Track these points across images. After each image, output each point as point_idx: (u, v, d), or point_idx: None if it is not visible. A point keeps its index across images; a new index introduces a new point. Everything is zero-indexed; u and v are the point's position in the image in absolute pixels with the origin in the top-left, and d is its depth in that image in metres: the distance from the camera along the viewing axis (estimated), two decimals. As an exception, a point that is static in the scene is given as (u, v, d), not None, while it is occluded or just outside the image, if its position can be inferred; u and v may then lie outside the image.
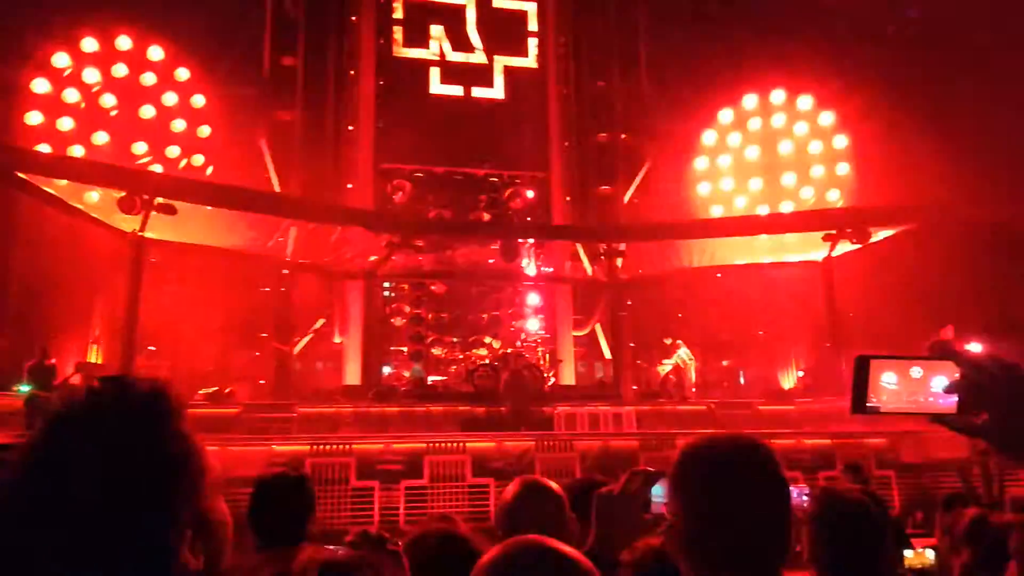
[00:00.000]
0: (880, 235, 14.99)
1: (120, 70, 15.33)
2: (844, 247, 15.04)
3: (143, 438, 0.99)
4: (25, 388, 10.39)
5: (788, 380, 16.83)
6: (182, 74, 16.00)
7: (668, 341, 14.99)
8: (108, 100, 15.19)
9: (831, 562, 2.34)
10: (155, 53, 15.75)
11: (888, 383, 1.43)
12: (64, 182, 12.50)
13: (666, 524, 1.56)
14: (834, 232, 14.57)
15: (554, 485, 2.38)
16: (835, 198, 17.37)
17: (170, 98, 15.81)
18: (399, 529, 7.91)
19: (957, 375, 1.33)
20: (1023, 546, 2.25)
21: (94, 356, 13.17)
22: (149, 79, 15.67)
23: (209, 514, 1.09)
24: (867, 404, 1.44)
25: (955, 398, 1.35)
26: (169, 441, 1.01)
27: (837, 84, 16.95)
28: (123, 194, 11.96)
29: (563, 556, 1.18)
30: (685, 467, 1.53)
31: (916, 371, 1.42)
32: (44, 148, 14.09)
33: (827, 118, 17.62)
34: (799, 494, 5.16)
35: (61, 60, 14.69)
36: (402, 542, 1.83)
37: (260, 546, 2.58)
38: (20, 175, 11.83)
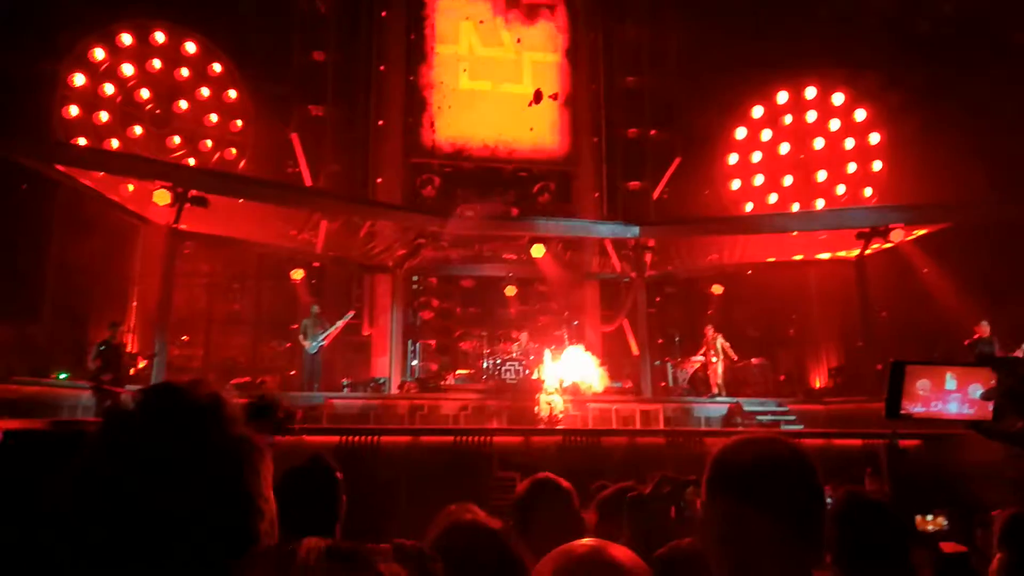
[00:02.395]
0: (915, 233, 14.74)
1: (155, 64, 15.57)
2: (878, 245, 14.81)
3: (204, 442, 1.01)
4: (64, 376, 10.61)
5: (819, 379, 16.65)
6: (216, 68, 16.22)
7: (709, 332, 14.86)
8: (144, 94, 15.45)
9: (854, 564, 2.33)
10: (190, 47, 15.98)
11: (923, 389, 1.42)
12: (101, 174, 12.73)
13: (700, 525, 1.56)
14: (868, 230, 14.34)
15: (565, 483, 2.42)
16: (869, 195, 17.15)
17: (204, 92, 16.05)
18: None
19: (993, 382, 1.32)
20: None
21: (129, 345, 13.43)
22: (184, 73, 15.91)
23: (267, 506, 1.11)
24: (901, 409, 1.43)
25: (991, 405, 1.34)
26: (233, 442, 1.03)
27: (871, 80, 16.69)
28: (158, 187, 12.15)
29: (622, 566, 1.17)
30: (720, 469, 1.53)
31: (951, 377, 1.41)
32: (81, 141, 14.38)
33: (861, 114, 17.37)
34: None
35: (98, 54, 14.96)
36: (429, 536, 1.84)
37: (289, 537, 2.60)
38: (58, 167, 12.06)
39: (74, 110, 14.66)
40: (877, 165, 17.14)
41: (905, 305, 14.81)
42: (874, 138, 17.20)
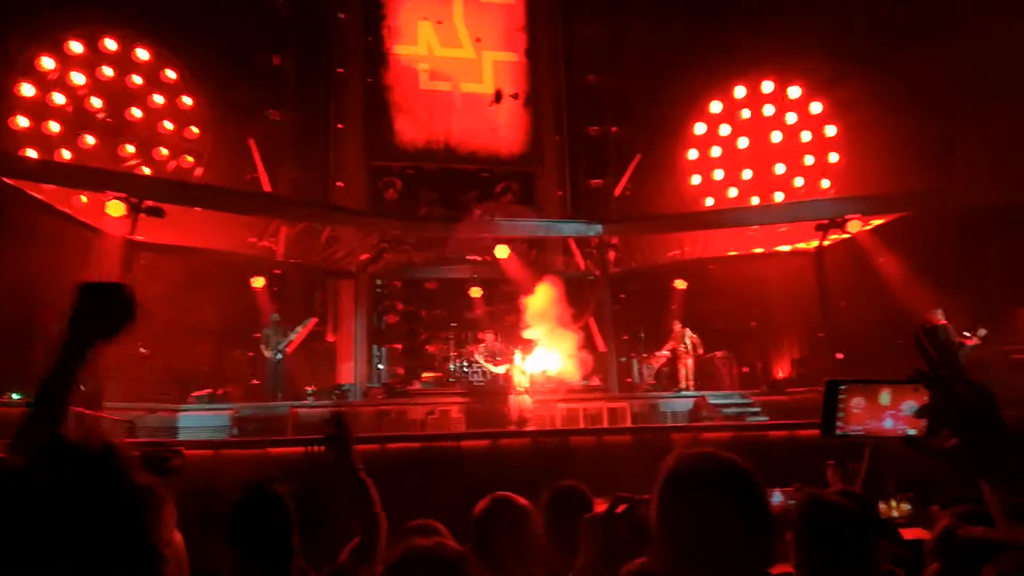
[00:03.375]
0: (872, 223, 15.01)
1: (107, 72, 15.25)
2: (836, 236, 15.05)
3: (102, 494, 0.99)
4: (17, 396, 10.34)
5: (782, 370, 16.88)
6: (169, 75, 15.93)
7: (676, 327, 14.99)
8: (95, 103, 15.11)
9: (816, 569, 2.34)
10: (142, 54, 15.67)
11: (857, 407, 1.44)
12: (52, 187, 12.44)
13: (652, 543, 1.58)
14: (826, 221, 14.58)
15: (523, 501, 2.42)
16: (826, 187, 17.42)
17: (157, 99, 15.75)
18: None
19: (927, 399, 1.33)
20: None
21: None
22: (136, 81, 15.60)
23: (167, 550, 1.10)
24: (836, 428, 1.45)
25: (924, 422, 1.35)
26: (130, 491, 1.02)
27: (826, 73, 16.96)
28: (111, 198, 11.89)
29: None
30: (663, 489, 1.54)
31: (885, 395, 1.43)
32: (31, 153, 14.04)
33: (817, 107, 17.64)
34: (784, 498, 5.19)
35: (47, 64, 14.60)
36: (381, 566, 1.80)
37: (244, 564, 2.55)
38: (7, 180, 11.75)
39: (23, 121, 14.30)
40: (834, 157, 17.41)
41: (864, 295, 15.07)
42: (830, 130, 17.47)
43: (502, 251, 15.38)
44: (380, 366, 16.50)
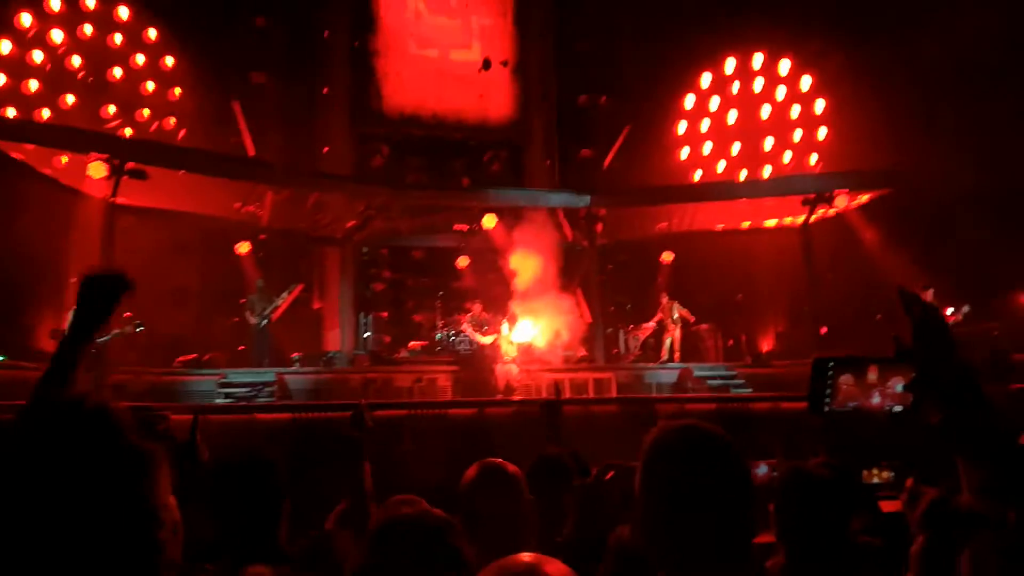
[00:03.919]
0: (859, 199, 15.08)
1: (87, 30, 14.89)
2: (823, 211, 15.11)
3: (98, 453, 0.97)
4: (1, 358, 10.24)
5: (766, 343, 17.03)
6: (151, 35, 15.59)
7: (664, 299, 15.04)
8: (75, 61, 14.78)
9: (797, 541, 2.38)
10: (123, 12, 15.31)
11: (846, 383, 1.46)
12: (32, 147, 12.21)
13: (634, 515, 1.60)
14: (812, 196, 14.62)
15: (513, 468, 2.38)
16: (814, 162, 17.44)
17: (139, 59, 15.43)
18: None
19: (912, 375, 1.34)
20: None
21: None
22: (117, 40, 15.26)
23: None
24: (824, 406, 1.47)
25: (911, 398, 1.37)
26: (126, 451, 1.00)
27: (815, 47, 16.88)
28: (94, 159, 11.70)
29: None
30: (645, 461, 1.57)
31: (873, 372, 1.44)
32: (10, 112, 13.75)
33: (806, 82, 17.59)
34: (768, 469, 5.24)
35: (25, 20, 14.23)
36: (368, 531, 1.78)
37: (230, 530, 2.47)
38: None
39: (1, 79, 13.97)
40: (822, 132, 17.41)
41: (849, 270, 15.19)
42: (819, 105, 17.44)
43: (490, 220, 15.32)
44: (367, 334, 16.45)
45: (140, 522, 0.98)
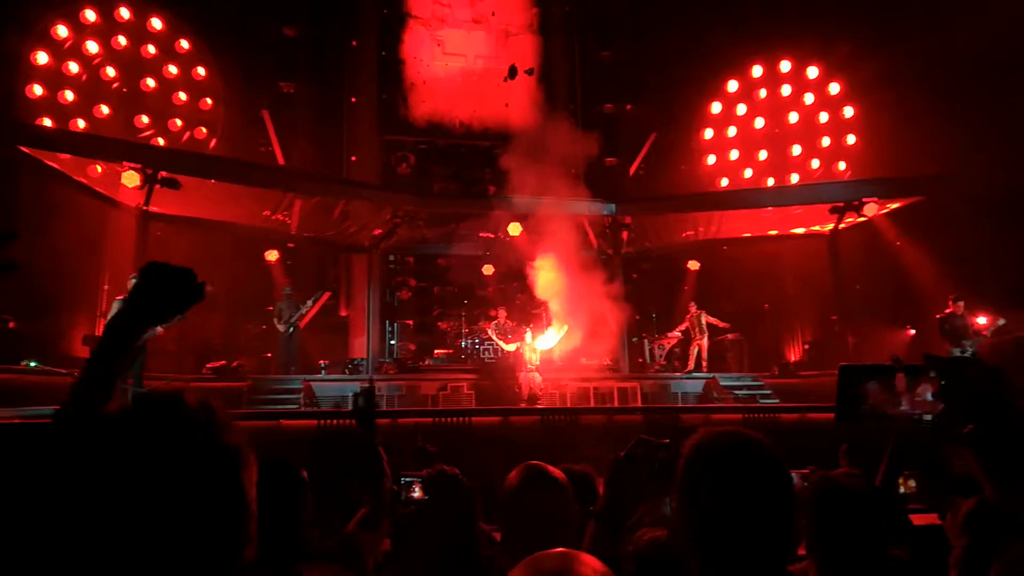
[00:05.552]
0: (889, 207, 14.88)
1: (121, 41, 15.19)
2: (852, 219, 14.92)
3: (204, 449, 1.04)
4: (33, 364, 10.43)
5: (794, 353, 16.85)
6: (183, 45, 15.87)
7: (692, 308, 14.94)
8: (110, 72, 15.07)
9: (828, 553, 2.35)
10: (156, 24, 15.60)
11: (872, 392, 1.45)
12: (67, 156, 12.45)
13: (673, 522, 1.58)
14: (841, 204, 14.45)
15: (558, 472, 2.34)
16: (843, 169, 17.26)
17: (172, 70, 15.71)
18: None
19: (940, 384, 1.33)
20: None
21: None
22: (151, 50, 15.54)
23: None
24: (852, 413, 1.46)
25: (938, 407, 1.36)
26: (229, 448, 1.07)
27: (845, 53, 16.71)
28: (127, 168, 11.92)
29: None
30: (687, 466, 1.54)
31: (900, 380, 1.44)
32: (46, 122, 14.04)
33: (835, 88, 17.42)
34: (797, 480, 5.18)
35: (62, 31, 14.54)
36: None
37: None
38: (23, 149, 11.76)
39: (38, 89, 14.26)
40: (851, 139, 17.23)
41: (879, 279, 14.98)
42: (848, 112, 17.27)
43: (515, 228, 15.34)
44: (392, 341, 16.54)
45: (237, 514, 1.04)
